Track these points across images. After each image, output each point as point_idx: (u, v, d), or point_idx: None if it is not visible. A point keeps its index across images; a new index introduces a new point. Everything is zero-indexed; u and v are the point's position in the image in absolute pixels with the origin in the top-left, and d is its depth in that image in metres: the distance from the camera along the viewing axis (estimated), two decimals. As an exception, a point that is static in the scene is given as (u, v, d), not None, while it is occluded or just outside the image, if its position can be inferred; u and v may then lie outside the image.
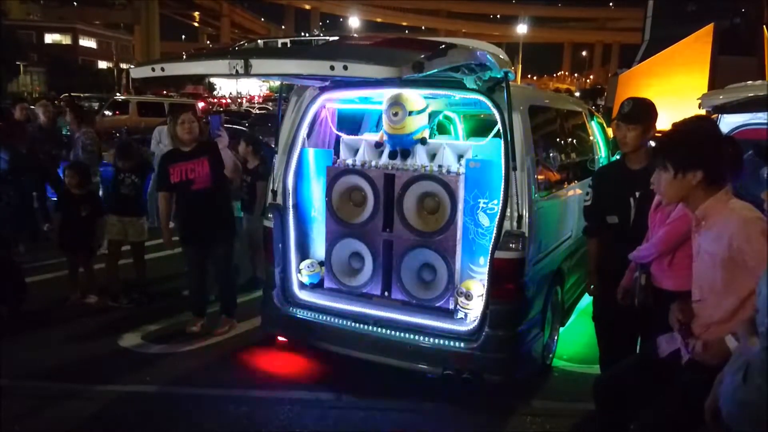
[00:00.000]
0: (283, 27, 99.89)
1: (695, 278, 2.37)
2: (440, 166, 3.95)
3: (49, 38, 58.17)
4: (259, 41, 3.77)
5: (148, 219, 5.80)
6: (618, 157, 3.77)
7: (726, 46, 12.94)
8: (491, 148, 3.92)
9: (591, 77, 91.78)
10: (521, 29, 63.00)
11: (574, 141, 5.06)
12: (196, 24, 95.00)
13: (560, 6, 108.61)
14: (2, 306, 5.00)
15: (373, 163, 4.15)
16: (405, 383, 3.92)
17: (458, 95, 3.94)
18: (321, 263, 4.32)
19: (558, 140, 4.70)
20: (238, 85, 54.26)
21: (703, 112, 4.44)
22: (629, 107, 3.26)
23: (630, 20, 73.69)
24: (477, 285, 3.75)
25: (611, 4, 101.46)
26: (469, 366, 3.60)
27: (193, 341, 4.69)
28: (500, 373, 3.67)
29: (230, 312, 4.96)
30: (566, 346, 4.64)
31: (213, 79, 46.08)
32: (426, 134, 4.14)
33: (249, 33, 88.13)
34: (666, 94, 10.21)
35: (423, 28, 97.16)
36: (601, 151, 5.64)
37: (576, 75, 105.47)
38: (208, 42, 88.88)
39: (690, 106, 4.51)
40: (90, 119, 7.73)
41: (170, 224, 4.94)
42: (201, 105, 22.16)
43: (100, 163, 7.38)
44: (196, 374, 4.23)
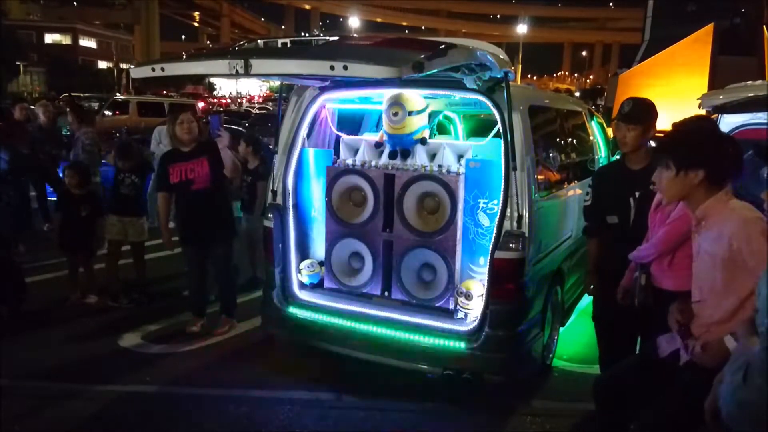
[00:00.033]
0: (283, 27, 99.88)
1: (695, 279, 2.37)
2: (440, 166, 3.95)
3: (49, 38, 58.21)
4: (259, 41, 3.76)
5: (148, 219, 5.80)
6: (618, 157, 3.77)
7: (726, 46, 12.94)
8: (491, 148, 3.92)
9: (591, 77, 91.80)
10: (521, 29, 63.02)
11: (574, 141, 5.06)
12: (196, 24, 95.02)
13: (560, 6, 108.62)
14: (2, 306, 5.00)
15: (373, 163, 4.15)
16: (405, 383, 3.92)
17: (458, 95, 3.93)
18: (321, 263, 4.32)
19: (558, 140, 4.70)
20: (238, 85, 54.26)
21: (703, 112, 4.44)
22: (629, 107, 3.26)
23: (630, 20, 73.72)
24: (477, 285, 3.75)
25: (611, 4, 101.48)
26: (469, 366, 3.60)
27: (193, 341, 4.69)
28: (500, 373, 3.67)
29: (230, 312, 4.96)
30: (566, 346, 4.64)
31: (213, 79, 46.09)
32: (426, 134, 4.14)
33: (249, 33, 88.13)
34: (666, 94, 10.21)
35: (423, 28, 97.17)
36: (601, 151, 5.64)
37: (576, 75, 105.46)
38: (208, 42, 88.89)
39: (690, 106, 4.51)
40: (90, 119, 7.73)
41: (170, 224, 4.95)
42: (201, 105, 22.16)
43: (101, 163, 7.39)
44: (196, 374, 4.23)
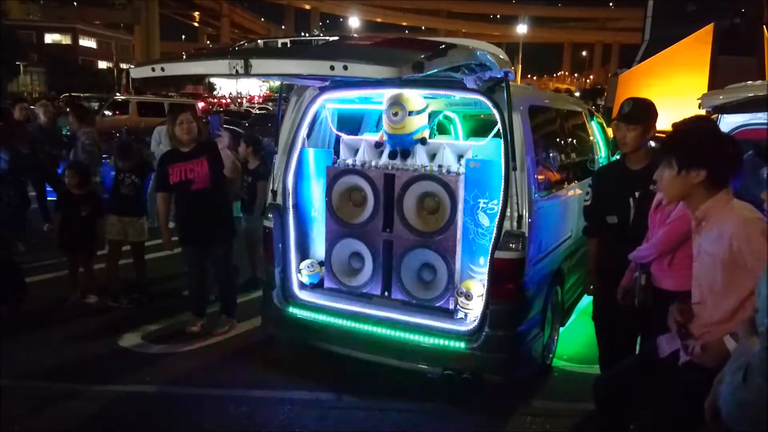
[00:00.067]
0: (283, 27, 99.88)
1: (695, 279, 2.37)
2: (440, 166, 3.95)
3: (49, 38, 58.21)
4: (259, 41, 3.76)
5: (148, 219, 5.80)
6: (618, 157, 3.77)
7: (726, 46, 12.93)
8: (491, 148, 3.92)
9: (591, 77, 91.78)
10: (521, 29, 63.07)
11: (574, 141, 5.06)
12: (196, 24, 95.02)
13: (560, 6, 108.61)
14: (2, 306, 5.00)
15: (373, 163, 4.15)
16: (405, 383, 3.92)
17: (458, 95, 3.93)
18: (321, 263, 4.32)
19: (558, 140, 4.70)
20: (238, 85, 54.25)
21: (703, 112, 4.44)
22: (629, 107, 3.26)
23: (630, 20, 73.71)
24: (477, 285, 3.75)
25: (611, 4, 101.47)
26: (469, 366, 3.60)
27: (193, 341, 4.69)
28: (500, 373, 3.67)
29: (230, 312, 4.96)
30: (566, 346, 4.64)
31: (213, 79, 46.08)
32: (426, 134, 4.14)
33: (249, 33, 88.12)
34: (666, 95, 10.20)
35: (423, 28, 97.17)
36: (601, 151, 5.64)
37: (576, 75, 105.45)
38: (208, 42, 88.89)
39: (690, 107, 4.51)
40: (90, 119, 7.73)
41: (170, 224, 4.95)
42: (201, 105, 22.16)
43: (101, 163, 7.39)
44: (196, 374, 4.23)
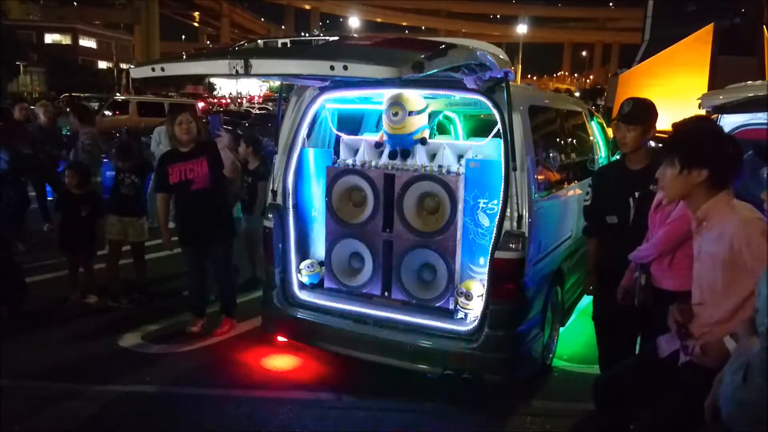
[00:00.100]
0: (283, 27, 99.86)
1: (695, 280, 2.36)
2: (440, 166, 3.95)
3: (49, 38, 58.18)
4: (259, 41, 3.76)
5: (148, 219, 5.80)
6: (618, 157, 3.78)
7: (726, 46, 12.95)
8: (491, 148, 3.92)
9: (591, 77, 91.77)
10: (521, 29, 63.05)
11: (574, 141, 5.06)
12: (196, 24, 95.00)
13: (560, 6, 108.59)
14: (2, 306, 5.00)
15: (373, 163, 4.15)
16: (405, 383, 3.92)
17: (458, 95, 3.94)
18: (321, 263, 4.32)
19: (558, 140, 4.70)
20: (238, 85, 54.25)
21: (703, 112, 4.44)
22: (629, 108, 3.26)
23: (630, 20, 73.70)
24: (477, 285, 3.75)
25: (611, 4, 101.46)
26: (469, 366, 3.60)
27: (193, 341, 4.69)
28: (500, 373, 3.67)
29: (230, 312, 4.96)
30: (566, 346, 4.64)
31: (213, 79, 46.08)
32: (426, 134, 4.14)
33: (249, 33, 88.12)
34: (666, 94, 10.22)
35: (423, 28, 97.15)
36: (601, 151, 5.64)
37: (576, 75, 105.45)
38: (208, 42, 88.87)
39: (690, 107, 4.51)
40: (91, 119, 7.73)
41: (170, 224, 4.95)
42: (201, 105, 22.17)
43: (101, 164, 7.38)
44: (196, 374, 4.23)
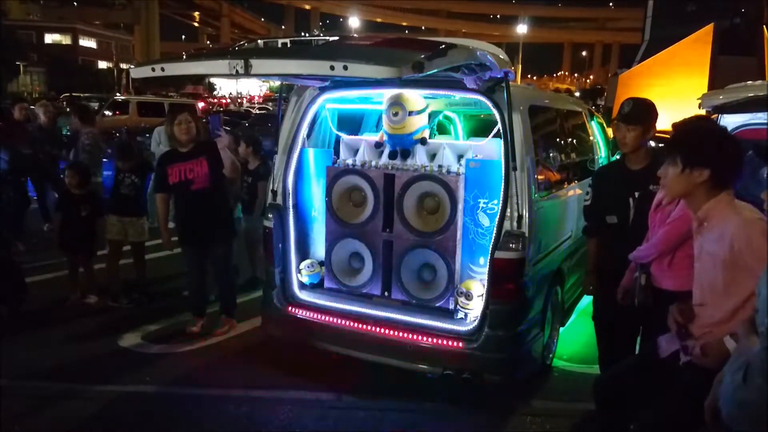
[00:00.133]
0: (283, 27, 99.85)
1: (696, 280, 2.36)
2: (440, 166, 3.95)
3: (49, 38, 58.20)
4: (259, 41, 3.76)
5: (149, 219, 5.80)
6: (618, 157, 3.78)
7: (726, 46, 12.96)
8: (491, 148, 3.92)
9: (591, 77, 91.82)
10: (521, 29, 63.09)
11: (574, 141, 5.06)
12: (196, 24, 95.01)
13: (560, 6, 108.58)
14: (2, 306, 5.00)
15: (373, 163, 4.14)
16: (405, 383, 3.92)
17: (458, 95, 3.93)
18: (321, 263, 4.32)
19: (558, 140, 4.70)
20: (238, 85, 54.27)
21: (703, 112, 4.44)
22: (629, 108, 3.26)
23: (630, 20, 73.72)
24: (477, 285, 3.75)
25: (611, 4, 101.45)
26: (469, 366, 3.60)
27: (193, 341, 4.69)
28: (500, 373, 3.67)
29: (230, 312, 4.96)
30: (566, 346, 4.64)
31: (213, 79, 46.10)
32: (426, 134, 4.14)
33: (249, 33, 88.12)
34: (666, 94, 10.23)
35: (423, 28, 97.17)
36: (601, 151, 5.64)
37: (576, 75, 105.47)
38: (208, 42, 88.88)
39: (690, 106, 4.52)
40: (91, 119, 7.73)
41: (170, 224, 4.95)
42: (201, 105, 22.18)
43: (101, 164, 7.38)
44: (196, 374, 4.23)
